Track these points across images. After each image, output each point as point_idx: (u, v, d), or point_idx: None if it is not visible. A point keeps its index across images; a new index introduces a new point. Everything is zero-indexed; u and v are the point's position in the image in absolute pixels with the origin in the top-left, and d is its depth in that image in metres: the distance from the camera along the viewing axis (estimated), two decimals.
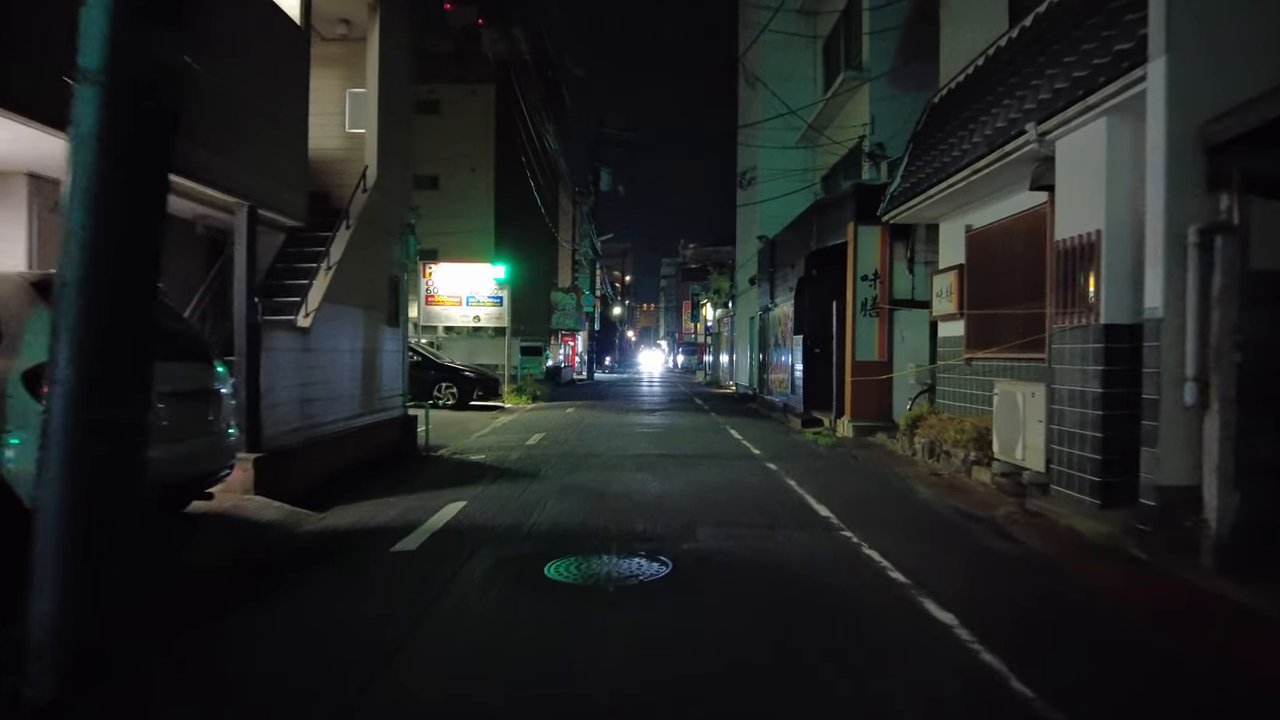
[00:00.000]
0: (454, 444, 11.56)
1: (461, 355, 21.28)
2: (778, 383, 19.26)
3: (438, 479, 8.39)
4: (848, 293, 13.51)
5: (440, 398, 18.00)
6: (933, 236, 13.13)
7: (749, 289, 24.76)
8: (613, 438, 12.04)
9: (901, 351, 13.10)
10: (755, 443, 11.74)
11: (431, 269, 20.87)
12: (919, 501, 7.55)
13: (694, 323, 49.95)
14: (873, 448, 11.46)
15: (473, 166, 37.68)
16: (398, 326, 10.98)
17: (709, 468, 9.12)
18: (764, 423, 15.67)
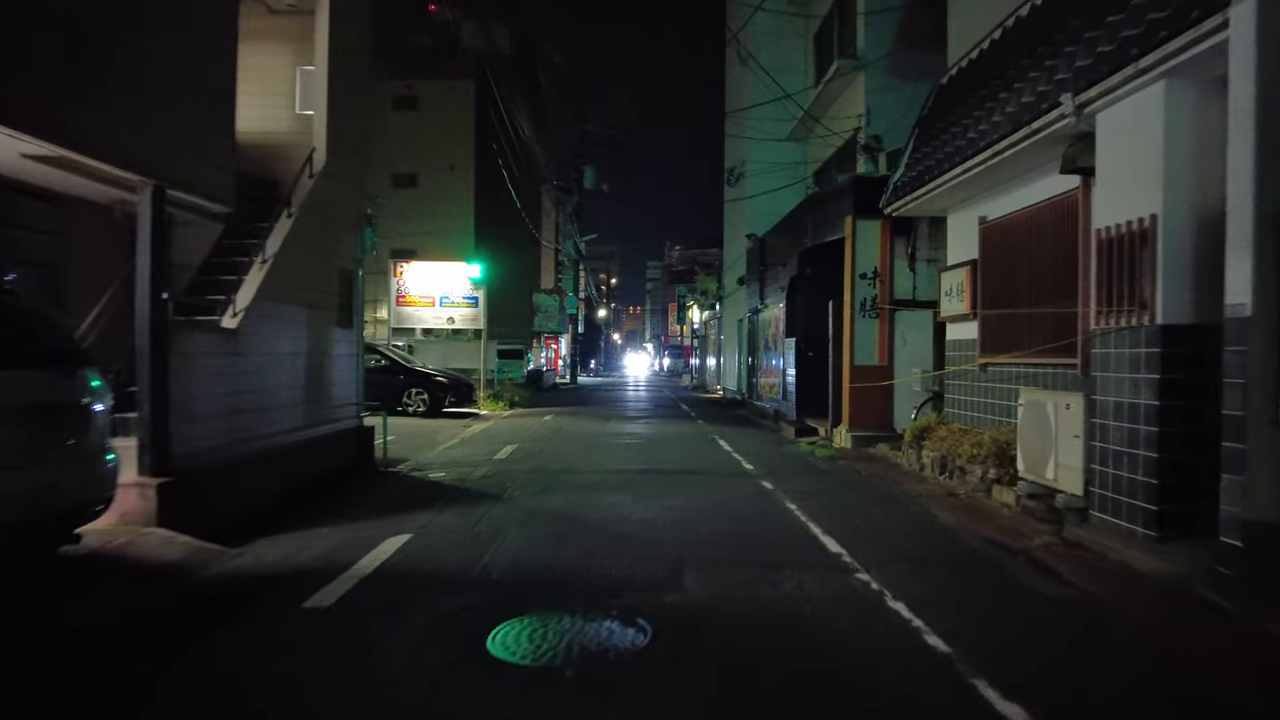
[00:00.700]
0: (416, 457, 10.49)
1: (435, 359, 20.18)
2: (768, 388, 18.29)
3: (387, 502, 7.33)
4: (845, 292, 12.55)
5: (410, 405, 16.91)
6: (936, 232, 12.23)
7: (737, 290, 23.81)
8: (591, 450, 11.00)
9: (904, 356, 12.15)
10: (747, 456, 10.74)
11: (403, 268, 19.77)
12: (939, 529, 6.56)
13: (680, 325, 48.99)
14: (876, 461, 10.49)
15: (452, 164, 36.54)
16: (352, 327, 9.90)
17: (697, 487, 8.09)
18: (755, 432, 14.68)
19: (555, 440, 12.27)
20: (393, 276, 19.60)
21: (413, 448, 11.50)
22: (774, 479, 8.65)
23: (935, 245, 12.35)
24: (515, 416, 17.30)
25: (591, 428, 14.44)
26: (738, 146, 23.69)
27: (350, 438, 9.66)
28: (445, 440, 12.44)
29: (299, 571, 5.00)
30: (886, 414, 12.28)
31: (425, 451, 11.14)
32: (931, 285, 12.19)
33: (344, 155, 9.56)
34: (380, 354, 17.44)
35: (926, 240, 12.37)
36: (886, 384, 12.22)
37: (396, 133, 37.01)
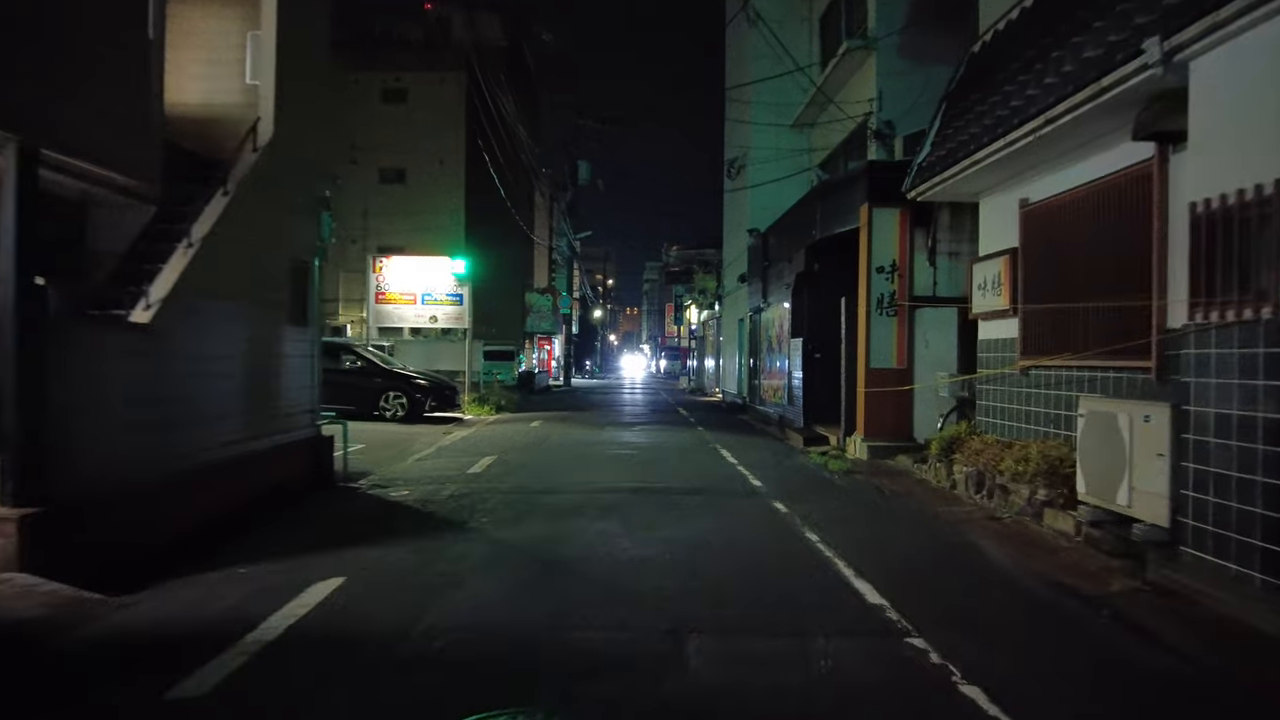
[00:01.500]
0: (383, 471, 9.34)
1: (418, 360, 19.01)
2: (771, 392, 17.16)
3: (332, 530, 6.18)
4: (860, 288, 11.41)
5: (387, 409, 15.75)
6: (959, 222, 11.14)
7: (737, 289, 22.69)
8: (579, 463, 9.84)
9: (925, 358, 11.02)
10: (754, 469, 9.59)
11: (382, 263, 18.60)
12: (993, 568, 5.42)
13: (677, 326, 47.78)
14: (898, 477, 9.35)
15: (441, 159, 35.46)
16: (307, 325, 8.73)
17: (700, 512, 6.93)
18: (759, 440, 13.53)
19: (540, 451, 11.10)
20: (371, 272, 18.44)
21: (381, 459, 10.35)
22: (787, 500, 7.50)
23: (957, 236, 11.25)
24: (500, 422, 16.14)
25: (581, 436, 13.28)
26: (738, 137, 22.57)
27: (304, 450, 8.49)
28: (419, 450, 11.28)
29: (191, 633, 3.86)
30: (905, 422, 11.15)
31: (394, 463, 9.98)
32: (953, 280, 11.11)
33: (297, 129, 8.41)
34: (355, 355, 16.29)
35: (948, 231, 11.26)
36: (905, 389, 11.08)
37: (385, 126, 35.94)
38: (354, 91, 36.04)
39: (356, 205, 35.94)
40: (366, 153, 35.96)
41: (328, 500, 7.53)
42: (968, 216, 11.17)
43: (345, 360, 16.19)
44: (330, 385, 16.35)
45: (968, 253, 11.22)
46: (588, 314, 60.29)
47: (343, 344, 17.58)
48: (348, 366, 16.09)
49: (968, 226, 11.23)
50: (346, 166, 36.02)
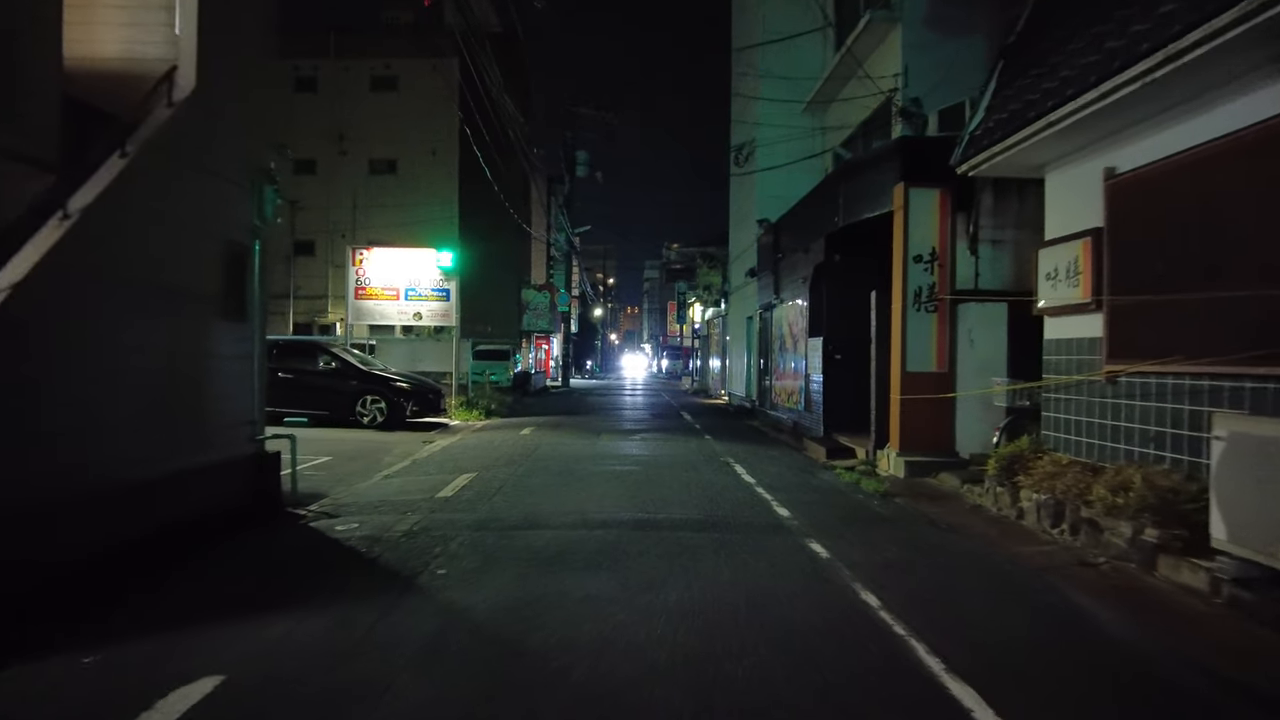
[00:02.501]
0: (339, 492, 7.90)
1: (401, 361, 17.57)
2: (785, 395, 15.71)
3: (240, 585, 4.75)
4: (895, 280, 9.98)
5: (364, 415, 14.31)
6: (1005, 204, 9.78)
7: (745, 284, 21.24)
8: (570, 484, 8.38)
9: (969, 361, 9.58)
10: (775, 491, 8.14)
11: (363, 255, 17.14)
12: (1125, 651, 3.98)
13: (679, 324, 46.27)
14: (946, 501, 7.91)
15: (434, 150, 34.08)
16: (245, 321, 7.28)
17: (718, 559, 5.45)
18: (775, 451, 12.08)
19: (526, 466, 9.64)
20: (351, 265, 16.98)
21: (344, 475, 8.91)
22: (824, 537, 6.04)
23: (1001, 222, 9.85)
24: (488, 429, 14.68)
25: (575, 447, 11.82)
26: (746, 121, 21.10)
27: (240, 470, 7.04)
28: (391, 464, 9.83)
29: None
30: (946, 434, 9.71)
31: (356, 482, 8.53)
32: (997, 272, 9.74)
33: (230, 85, 6.97)
34: (329, 355, 14.84)
35: (991, 215, 9.86)
36: (947, 396, 9.65)
37: (374, 116, 34.52)
38: (342, 80, 34.68)
39: (345, 197, 34.60)
40: (356, 143, 34.57)
41: (257, 537, 6.08)
42: (1014, 198, 9.78)
43: (318, 361, 14.76)
44: (301, 389, 14.98)
45: (1013, 240, 9.84)
46: (587, 312, 58.86)
47: (313, 343, 16.16)
48: (320, 368, 14.66)
49: (1014, 210, 9.83)
50: (334, 157, 34.74)
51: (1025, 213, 9.82)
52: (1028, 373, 8.75)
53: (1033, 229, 9.69)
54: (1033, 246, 9.68)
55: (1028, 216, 9.78)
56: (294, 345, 15.80)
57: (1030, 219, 9.73)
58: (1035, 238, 9.62)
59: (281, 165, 9.58)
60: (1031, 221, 9.72)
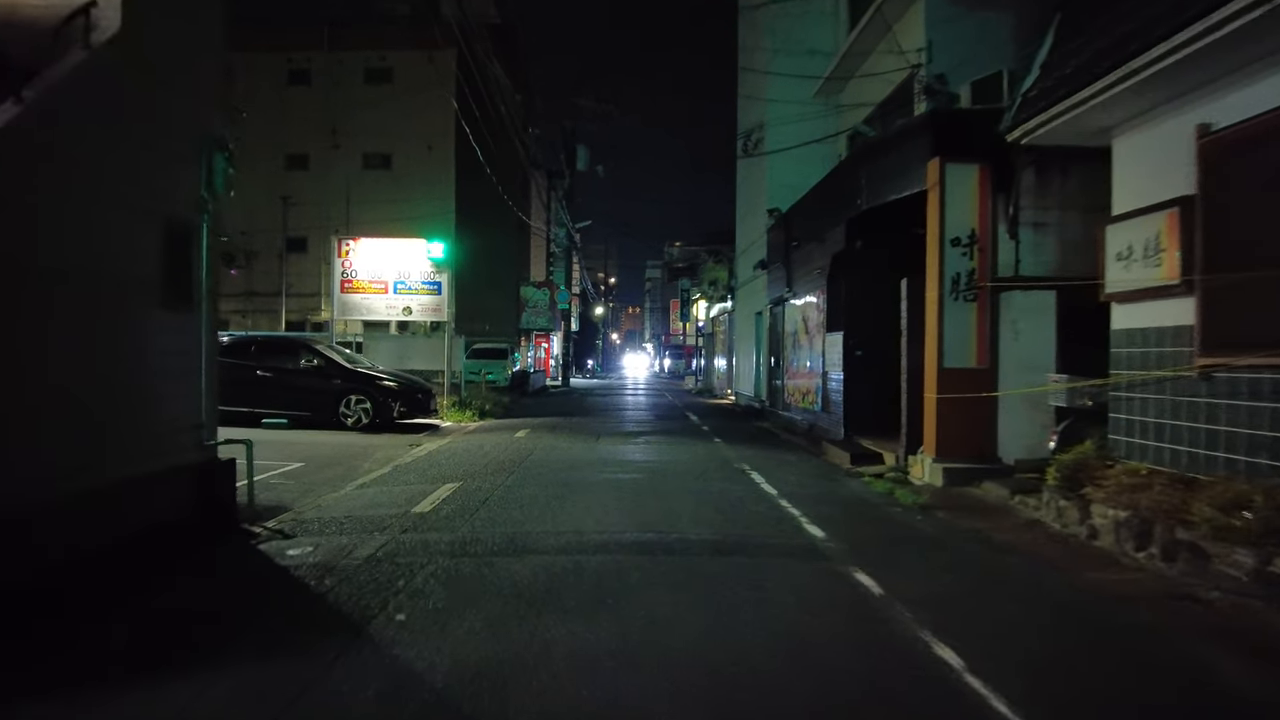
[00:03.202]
0: (304, 504, 6.91)
1: (389, 358, 16.57)
2: (799, 395, 14.71)
3: (152, 635, 3.76)
4: (929, 266, 8.99)
5: (348, 416, 13.32)
6: (1047, 182, 8.86)
7: (753, 278, 20.23)
8: (564, 496, 7.35)
9: (1013, 355, 8.58)
10: (801, 503, 7.13)
11: (349, 245, 16.14)
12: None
13: (683, 322, 45.20)
14: (997, 516, 6.89)
15: (430, 144, 33.07)
16: (191, 311, 6.26)
17: (743, 594, 4.43)
18: (793, 456, 11.07)
19: (518, 474, 8.63)
20: (336, 257, 15.98)
21: (315, 484, 7.93)
22: (868, 564, 5.02)
23: (1043, 203, 8.87)
24: (481, 431, 13.68)
25: (573, 452, 10.81)
26: (755, 106, 20.10)
27: (183, 482, 6.03)
28: (368, 472, 8.84)
29: None
30: (987, 438, 8.71)
31: (326, 492, 7.54)
32: (1039, 257, 8.79)
33: (168, 29, 5.97)
34: (311, 353, 13.85)
35: (1032, 195, 8.86)
36: (988, 395, 8.65)
37: (369, 109, 33.54)
38: (336, 72, 33.74)
39: (339, 193, 33.59)
40: (349, 137, 33.58)
41: (192, 564, 5.08)
42: (1056, 175, 8.82)
43: (299, 359, 13.77)
44: (281, 388, 13.96)
45: (1057, 223, 8.89)
46: (589, 311, 57.89)
47: (294, 340, 15.17)
48: (301, 366, 13.67)
49: (1057, 188, 8.86)
50: (328, 151, 33.76)
51: (1070, 191, 8.86)
52: (1082, 368, 7.76)
53: (1080, 210, 8.76)
54: (1080, 228, 8.75)
55: (1073, 196, 8.83)
56: (273, 342, 14.83)
57: (1076, 199, 8.78)
58: (1083, 219, 8.69)
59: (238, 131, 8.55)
60: (1077, 201, 8.76)
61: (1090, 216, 8.81)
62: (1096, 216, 8.76)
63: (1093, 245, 8.75)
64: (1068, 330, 8.40)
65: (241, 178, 24.83)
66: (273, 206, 33.86)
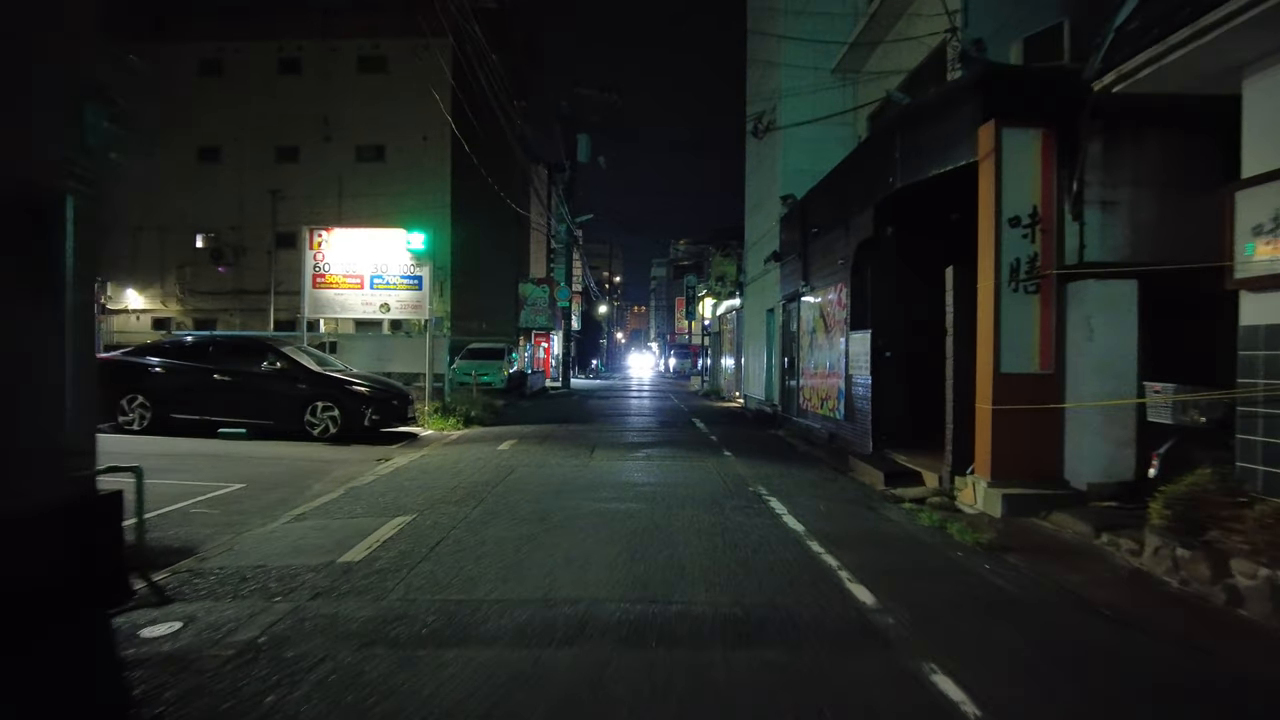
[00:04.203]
0: (213, 546, 5.49)
1: (366, 359, 15.15)
2: (817, 400, 13.24)
3: None
4: (981, 252, 7.54)
5: (315, 424, 11.92)
6: (1118, 154, 7.55)
7: (764, 273, 18.76)
8: (538, 539, 5.86)
9: (1087, 358, 7.11)
10: (838, 548, 5.66)
11: (322, 236, 14.71)
12: None
13: (688, 321, 43.66)
14: (1081, 560, 5.42)
15: (425, 135, 31.70)
16: (50, 303, 4.84)
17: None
18: (814, 474, 9.60)
19: (488, 502, 7.18)
20: (308, 249, 14.56)
21: (243, 514, 6.52)
22: (945, 655, 3.57)
23: (1114, 177, 7.46)
24: (463, 442, 12.25)
25: (560, 470, 9.36)
26: (766, 88, 18.61)
27: (41, 529, 4.61)
28: (314, 497, 7.42)
29: None
30: (1052, 456, 7.25)
31: (252, 525, 6.13)
32: (1108, 241, 7.38)
33: None
34: (276, 355, 12.44)
35: (1100, 169, 7.44)
36: (1054, 407, 7.19)
37: (362, 99, 32.19)
38: (328, 61, 32.43)
39: (330, 186, 32.23)
40: (341, 128, 32.20)
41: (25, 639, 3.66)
42: (1129, 145, 7.40)
43: (261, 362, 12.35)
44: (240, 394, 12.49)
45: (1129, 201, 7.45)
46: (592, 309, 56.46)
47: (256, 341, 13.76)
48: (263, 370, 12.26)
49: (1130, 161, 7.43)
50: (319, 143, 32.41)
51: (1145, 165, 7.43)
52: (1177, 375, 6.31)
53: (1156, 185, 7.33)
54: (1156, 207, 7.32)
55: (1148, 170, 7.40)
56: (233, 343, 13.41)
57: (1152, 172, 7.34)
58: (1160, 196, 7.27)
59: (130, 82, 7.37)
60: (1153, 177, 7.33)
61: (1169, 194, 7.38)
62: (1173, 194, 7.34)
63: (1172, 227, 7.32)
64: (1155, 328, 6.95)
65: (231, 171, 23.37)
66: (262, 201, 32.56)
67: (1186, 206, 7.26)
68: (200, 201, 31.37)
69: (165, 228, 31.51)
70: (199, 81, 31.49)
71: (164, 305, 32.25)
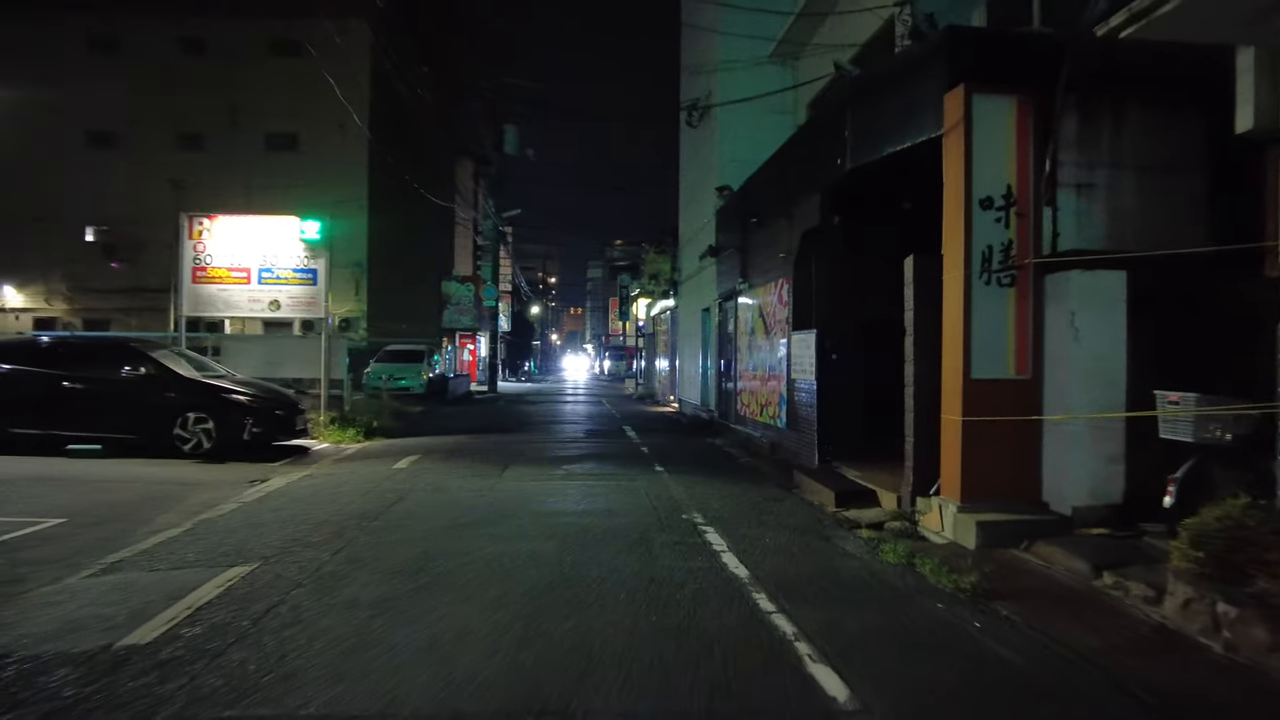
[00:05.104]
0: None
1: (256, 363, 13.45)
2: (757, 407, 12.18)
3: None
4: (948, 239, 6.54)
5: (187, 438, 10.27)
6: (1095, 131, 6.62)
7: (700, 270, 17.68)
8: (400, 607, 4.46)
9: (1071, 361, 6.15)
10: (793, 606, 4.48)
11: (203, 224, 12.95)
12: None
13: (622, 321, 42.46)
14: (1091, 613, 4.38)
15: (342, 123, 29.67)
16: None
17: None
18: (758, 494, 8.46)
19: (356, 545, 5.78)
20: (187, 239, 12.81)
21: (43, 561, 5.08)
22: None
23: (1090, 157, 6.53)
24: (358, 459, 10.76)
25: (461, 494, 8.00)
26: (700, 77, 17.54)
27: None
28: (151, 534, 5.93)
29: None
30: (1030, 474, 6.28)
31: (46, 579, 4.67)
32: (1085, 228, 6.45)
33: None
34: (139, 359, 10.72)
35: (1074, 148, 6.54)
36: (1030, 419, 6.21)
37: (273, 85, 30.09)
38: (235, 43, 30.20)
39: (239, 176, 29.94)
40: (251, 115, 30.01)
41: None
42: (1107, 120, 6.53)
43: (124, 367, 10.61)
44: (97, 404, 10.45)
45: (1106, 185, 6.54)
46: (525, 310, 54.78)
47: (119, 342, 12.00)
48: (124, 376, 10.53)
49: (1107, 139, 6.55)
50: (225, 130, 30.15)
51: (1123, 142, 6.54)
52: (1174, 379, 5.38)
53: (1133, 169, 6.46)
54: (1134, 194, 6.46)
55: (1126, 148, 6.51)
56: (88, 345, 11.69)
57: (1129, 152, 6.47)
58: (1138, 180, 6.42)
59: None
60: (1131, 157, 6.45)
61: (1146, 177, 6.51)
62: (1161, 174, 6.49)
63: (1163, 211, 6.46)
64: (1148, 327, 6.03)
65: (127, 159, 20.59)
66: (162, 191, 30.03)
67: (1176, 186, 6.41)
68: (91, 191, 28.82)
69: (49, 219, 28.79)
70: (88, 58, 28.90)
71: (49, 304, 29.50)
